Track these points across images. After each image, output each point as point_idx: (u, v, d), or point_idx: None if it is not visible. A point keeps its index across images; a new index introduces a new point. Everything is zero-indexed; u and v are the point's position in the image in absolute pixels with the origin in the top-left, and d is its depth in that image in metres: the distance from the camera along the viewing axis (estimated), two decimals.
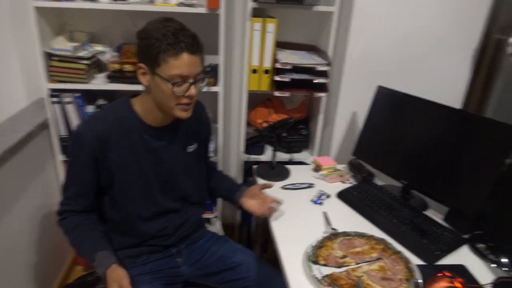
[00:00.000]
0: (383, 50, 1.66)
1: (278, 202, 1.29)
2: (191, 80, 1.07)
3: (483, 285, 1.02)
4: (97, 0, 1.58)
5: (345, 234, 1.18)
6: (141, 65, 1.07)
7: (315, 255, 1.08)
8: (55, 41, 1.63)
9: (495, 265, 1.12)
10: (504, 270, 1.10)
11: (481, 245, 1.19)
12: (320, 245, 1.12)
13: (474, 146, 1.21)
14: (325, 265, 1.05)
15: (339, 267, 1.05)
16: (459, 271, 1.06)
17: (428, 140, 1.35)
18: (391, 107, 1.50)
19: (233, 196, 1.35)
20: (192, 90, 1.08)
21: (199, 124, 1.30)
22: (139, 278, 1.18)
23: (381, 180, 1.56)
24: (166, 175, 1.22)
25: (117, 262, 1.08)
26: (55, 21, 1.71)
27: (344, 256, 1.09)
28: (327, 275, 1.01)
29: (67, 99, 1.66)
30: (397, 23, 1.61)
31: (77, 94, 1.68)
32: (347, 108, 1.77)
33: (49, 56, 1.62)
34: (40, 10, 1.52)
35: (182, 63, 1.02)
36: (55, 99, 1.66)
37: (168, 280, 1.23)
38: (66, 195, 1.15)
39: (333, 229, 1.19)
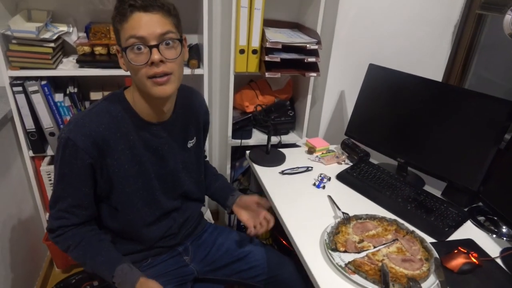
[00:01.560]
0: (368, 27, 1.63)
1: (270, 221, 1.17)
2: (152, 43, 0.89)
3: (494, 257, 1.06)
4: None
5: (357, 217, 1.17)
6: (117, 47, 0.96)
7: (334, 242, 1.06)
8: (12, 22, 1.42)
9: (495, 235, 1.17)
10: (506, 240, 1.15)
11: (481, 218, 1.24)
12: (336, 231, 1.10)
13: (472, 122, 1.24)
14: (345, 251, 1.04)
15: (359, 252, 1.04)
16: (470, 245, 1.10)
17: (424, 116, 1.36)
18: (383, 84, 1.49)
19: (226, 200, 1.28)
20: (154, 55, 0.88)
21: (198, 115, 1.20)
22: None
23: (374, 158, 1.57)
24: (168, 175, 1.11)
25: (143, 273, 0.99)
26: None
27: (361, 241, 1.08)
28: (350, 262, 0.99)
29: (33, 88, 1.46)
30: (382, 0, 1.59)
31: (43, 82, 1.49)
32: (334, 87, 1.74)
33: (6, 39, 1.41)
34: None
35: (134, 24, 0.87)
36: (17, 89, 1.45)
37: (179, 281, 1.15)
38: (59, 208, 1.00)
39: (344, 213, 1.17)
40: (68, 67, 1.52)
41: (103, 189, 1.02)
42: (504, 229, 1.18)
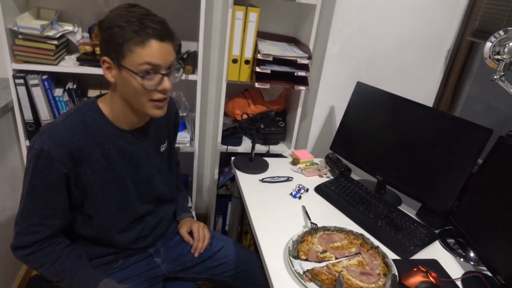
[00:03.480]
0: (362, 46, 1.68)
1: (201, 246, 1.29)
2: (163, 71, 0.96)
3: (454, 279, 1.07)
4: None
5: (325, 228, 1.20)
6: (105, 58, 0.95)
7: (296, 250, 1.09)
8: (20, 18, 1.51)
9: (463, 259, 1.18)
10: (472, 264, 1.16)
11: (450, 240, 1.25)
12: (301, 240, 1.13)
13: (448, 146, 1.26)
14: (306, 259, 1.06)
15: (320, 262, 1.06)
16: (433, 265, 1.11)
17: (404, 137, 1.38)
18: (369, 103, 1.52)
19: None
20: (166, 83, 0.96)
21: (169, 118, 1.24)
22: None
23: (356, 174, 1.59)
24: (142, 181, 1.15)
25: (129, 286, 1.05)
26: None
27: (324, 251, 1.11)
28: (308, 270, 1.02)
29: (33, 81, 1.55)
30: (377, 21, 1.63)
31: (44, 77, 1.57)
32: (324, 102, 1.78)
33: (13, 34, 1.50)
34: None
35: (150, 52, 0.91)
36: (19, 81, 1.54)
37: (150, 282, 1.19)
38: (30, 222, 0.98)
39: (313, 223, 1.20)
40: (69, 64, 1.60)
41: (77, 197, 1.03)
42: (472, 254, 1.19)
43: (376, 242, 1.16)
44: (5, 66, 1.51)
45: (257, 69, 1.59)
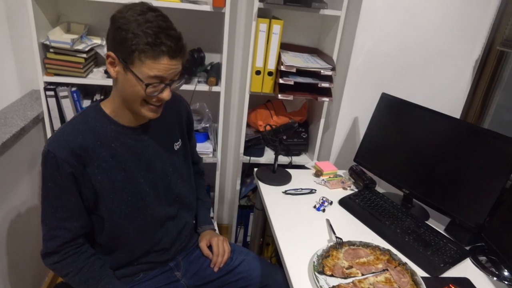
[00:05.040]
0: (386, 57, 1.65)
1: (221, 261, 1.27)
2: (166, 82, 0.97)
3: None
4: None
5: (350, 243, 1.17)
6: (111, 54, 0.95)
7: (321, 265, 1.07)
8: (52, 33, 1.56)
9: (496, 278, 1.13)
10: (506, 283, 1.11)
11: (482, 258, 1.21)
12: (326, 255, 1.11)
13: (479, 159, 1.22)
14: (331, 275, 1.04)
15: (345, 277, 1.04)
16: (464, 284, 1.07)
17: (432, 150, 1.35)
18: (394, 114, 1.50)
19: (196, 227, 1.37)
20: (166, 93, 0.99)
21: (180, 116, 1.23)
22: None
23: (381, 187, 1.56)
24: (157, 178, 1.14)
25: None
26: (52, 11, 1.64)
27: (350, 267, 1.08)
28: (334, 286, 0.99)
29: (63, 93, 1.60)
30: (402, 31, 1.60)
31: (73, 89, 1.62)
32: (348, 113, 1.76)
33: (45, 47, 1.55)
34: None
35: (160, 67, 0.93)
36: (49, 93, 1.59)
37: None
38: (50, 226, 1.01)
39: (338, 238, 1.18)
40: (97, 77, 1.64)
41: (89, 198, 1.04)
42: (506, 272, 1.14)
43: (404, 259, 1.13)
44: (37, 79, 1.56)
45: (280, 81, 1.59)
